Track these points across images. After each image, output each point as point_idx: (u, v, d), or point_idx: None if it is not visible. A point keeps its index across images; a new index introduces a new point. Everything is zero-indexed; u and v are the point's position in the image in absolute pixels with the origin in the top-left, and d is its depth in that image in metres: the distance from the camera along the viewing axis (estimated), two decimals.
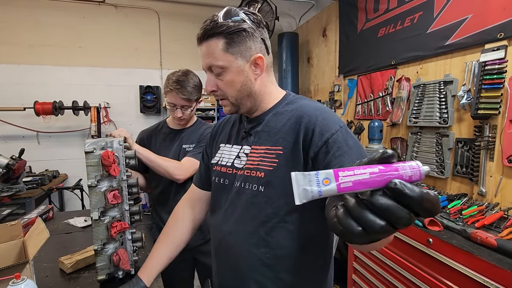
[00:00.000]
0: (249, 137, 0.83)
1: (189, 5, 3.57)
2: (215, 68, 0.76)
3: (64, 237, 1.52)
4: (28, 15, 3.06)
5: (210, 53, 0.75)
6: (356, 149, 0.70)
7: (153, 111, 3.46)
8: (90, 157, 1.02)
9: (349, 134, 0.73)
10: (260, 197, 0.76)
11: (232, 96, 0.79)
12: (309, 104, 0.79)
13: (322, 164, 0.70)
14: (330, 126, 0.72)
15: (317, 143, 0.71)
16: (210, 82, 0.79)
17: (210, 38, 0.74)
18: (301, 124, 0.74)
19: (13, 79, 3.07)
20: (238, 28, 0.73)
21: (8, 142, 3.08)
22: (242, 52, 0.75)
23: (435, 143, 1.91)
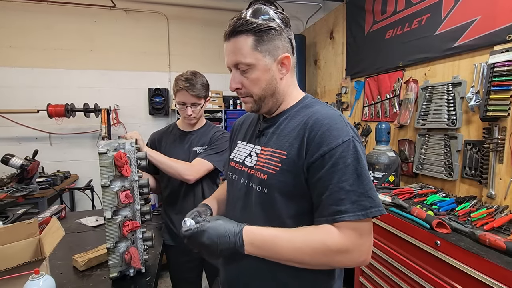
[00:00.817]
0: (262, 137, 0.84)
1: (197, 9, 3.62)
2: (241, 65, 0.75)
3: (76, 236, 1.56)
4: (42, 20, 3.15)
5: (237, 50, 0.74)
6: (353, 168, 0.68)
7: (161, 113, 3.51)
8: (103, 158, 1.05)
9: (350, 150, 0.69)
10: (264, 198, 0.77)
11: (257, 94, 0.78)
12: (321, 111, 0.76)
13: (314, 178, 0.70)
14: (331, 139, 0.69)
15: (313, 155, 0.70)
16: (235, 79, 0.78)
17: (239, 35, 0.73)
18: (306, 132, 0.73)
19: (27, 82, 3.16)
20: (268, 26, 0.73)
21: (22, 143, 3.17)
22: (270, 51, 0.75)
23: (443, 145, 1.90)
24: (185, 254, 1.54)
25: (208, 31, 3.70)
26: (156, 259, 1.29)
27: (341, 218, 0.66)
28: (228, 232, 0.69)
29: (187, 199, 1.50)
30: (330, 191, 0.68)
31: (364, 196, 0.67)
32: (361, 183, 0.67)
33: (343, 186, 0.67)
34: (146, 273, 1.15)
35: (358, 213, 0.66)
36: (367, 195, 0.67)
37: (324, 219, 0.69)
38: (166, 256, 1.60)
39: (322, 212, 0.70)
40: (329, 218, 0.68)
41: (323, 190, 0.69)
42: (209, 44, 3.73)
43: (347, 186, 0.67)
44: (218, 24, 3.72)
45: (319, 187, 0.70)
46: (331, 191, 0.68)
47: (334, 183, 0.68)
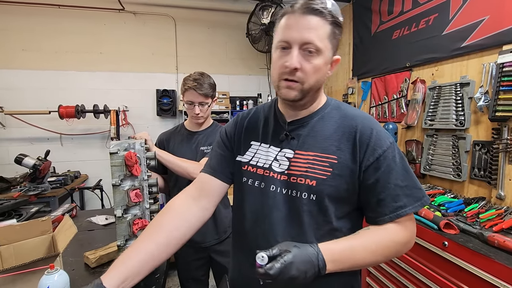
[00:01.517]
0: (291, 140, 0.79)
1: (204, 11, 3.65)
2: (312, 46, 0.69)
3: (87, 234, 1.60)
4: (53, 24, 3.22)
5: (315, 29, 0.68)
6: (402, 165, 0.73)
7: (169, 114, 3.56)
8: (114, 157, 1.08)
9: (396, 150, 0.75)
10: (312, 205, 0.74)
11: (309, 83, 0.72)
12: (360, 114, 0.79)
13: (370, 180, 0.73)
14: (382, 142, 0.73)
15: (368, 158, 0.73)
16: (298, 58, 0.69)
17: (319, 16, 0.69)
18: (356, 136, 0.74)
19: (39, 84, 3.24)
20: (340, 21, 0.72)
21: (34, 143, 3.25)
22: (334, 48, 0.73)
23: (451, 145, 1.88)
24: (193, 253, 1.56)
25: (214, 32, 3.74)
26: None
27: (403, 212, 0.71)
28: (311, 255, 0.64)
29: None
30: (388, 190, 0.72)
31: (415, 188, 0.73)
32: (410, 177, 0.74)
33: (398, 183, 0.72)
34: (155, 271, 1.17)
35: (415, 205, 0.72)
36: (418, 187, 0.74)
37: (388, 217, 0.72)
38: (174, 254, 1.62)
39: (383, 211, 0.72)
40: (392, 215, 0.71)
41: (382, 190, 0.72)
42: (216, 46, 3.76)
43: (400, 182, 0.72)
44: (224, 25, 3.75)
45: (378, 188, 0.72)
46: (390, 190, 0.72)
47: (391, 183, 0.72)
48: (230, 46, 3.82)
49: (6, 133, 3.17)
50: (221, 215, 1.57)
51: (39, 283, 0.74)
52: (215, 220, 1.56)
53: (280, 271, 0.59)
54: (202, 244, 1.55)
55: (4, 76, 3.12)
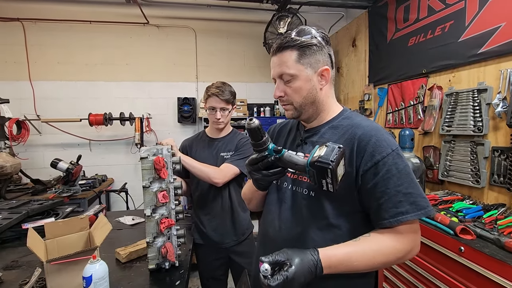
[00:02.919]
0: (304, 145, 0.91)
1: (222, 22, 3.81)
2: (285, 76, 0.85)
3: (116, 232, 1.73)
4: (85, 38, 3.49)
5: (283, 63, 0.84)
6: (405, 173, 0.76)
7: (189, 121, 3.71)
8: (144, 162, 1.19)
9: (400, 158, 0.77)
10: (311, 201, 0.85)
11: (297, 102, 0.86)
12: (365, 123, 0.84)
13: (369, 184, 0.77)
14: (382, 149, 0.77)
15: (366, 163, 0.78)
16: (279, 88, 0.88)
17: (284, 50, 0.84)
18: (355, 142, 0.80)
19: (71, 94, 3.50)
20: (310, 43, 0.83)
21: (66, 149, 3.50)
22: (312, 64, 0.84)
23: (469, 151, 1.87)
24: (213, 252, 1.65)
25: (233, 42, 3.88)
26: (187, 255, 1.41)
27: (404, 218, 0.73)
28: (310, 266, 0.70)
29: (215, 201, 1.62)
30: (388, 195, 0.75)
31: (420, 197, 0.75)
32: (415, 185, 0.76)
33: (400, 190, 0.74)
34: (179, 267, 1.27)
35: (418, 213, 0.74)
36: (422, 196, 0.76)
37: (387, 221, 0.75)
38: (195, 254, 1.71)
39: (383, 215, 0.76)
40: (392, 220, 0.74)
41: (381, 195, 0.76)
42: (234, 55, 3.90)
43: (403, 189, 0.74)
44: (242, 35, 3.89)
45: (376, 193, 0.77)
46: (389, 195, 0.75)
47: (391, 188, 0.75)
48: (248, 55, 3.95)
49: (42, 139, 3.44)
50: (240, 218, 1.65)
51: (84, 271, 0.85)
52: (234, 222, 1.64)
53: (282, 286, 0.66)
54: (221, 245, 1.64)
55: (41, 87, 3.40)
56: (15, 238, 1.56)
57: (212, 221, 1.63)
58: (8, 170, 2.49)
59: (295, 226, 0.86)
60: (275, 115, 3.88)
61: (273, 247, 0.85)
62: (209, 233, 1.62)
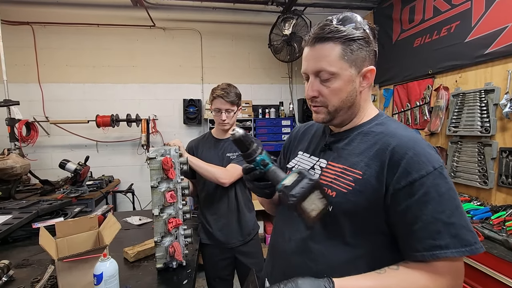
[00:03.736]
0: (328, 152, 0.80)
1: (228, 24, 3.84)
2: (324, 73, 0.71)
3: (124, 232, 1.75)
4: (92, 41, 3.54)
5: (323, 57, 0.70)
6: (448, 197, 0.62)
7: (195, 122, 3.74)
8: (153, 162, 1.21)
9: (444, 178, 0.63)
10: (327, 216, 0.72)
11: (334, 105, 0.74)
12: (402, 132, 0.71)
13: (400, 206, 0.64)
14: (421, 165, 0.63)
15: (399, 181, 0.64)
16: (313, 87, 0.74)
17: (326, 42, 0.70)
18: (387, 154, 0.67)
19: (79, 96, 3.55)
20: (357, 36, 0.69)
21: (74, 150, 3.54)
22: (357, 62, 0.71)
23: (477, 152, 1.86)
24: (219, 252, 1.66)
25: (237, 44, 3.90)
26: (194, 254, 1.42)
27: (442, 253, 0.59)
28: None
29: (221, 201, 1.63)
30: (423, 222, 0.62)
31: (466, 229, 0.61)
32: (460, 214, 0.62)
33: (440, 218, 0.61)
34: (187, 266, 1.28)
35: (462, 249, 0.59)
36: (469, 229, 0.61)
37: (420, 254, 0.62)
38: (201, 254, 1.73)
39: (415, 245, 0.63)
40: (426, 254, 0.61)
41: (414, 221, 0.63)
42: (239, 57, 3.92)
43: (444, 218, 0.61)
44: (247, 37, 3.91)
45: (408, 217, 0.64)
46: (425, 223, 0.61)
47: (428, 214, 0.61)
48: (253, 56, 3.97)
49: (50, 141, 3.49)
50: (246, 218, 1.66)
51: (95, 268, 0.87)
52: (240, 223, 1.65)
53: None
54: (227, 245, 1.65)
55: (50, 89, 3.46)
56: (25, 237, 1.59)
57: (218, 221, 1.64)
58: (18, 170, 2.54)
59: (307, 241, 0.76)
60: (280, 116, 3.89)
61: (281, 260, 0.81)
62: (216, 233, 1.64)
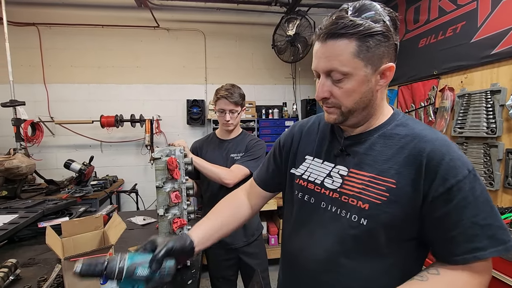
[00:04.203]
0: (347, 157, 0.74)
1: (231, 25, 3.85)
2: (336, 73, 0.65)
3: (128, 232, 1.75)
4: (97, 42, 3.56)
5: (334, 56, 0.63)
6: (483, 199, 0.61)
7: (198, 122, 3.75)
8: (158, 162, 1.21)
9: (477, 180, 0.62)
10: (361, 230, 0.68)
11: (347, 106, 0.68)
12: (431, 134, 0.67)
13: (439, 212, 0.63)
14: (457, 170, 0.62)
15: (437, 188, 0.62)
16: (324, 87, 0.67)
17: (340, 38, 0.62)
18: (423, 160, 0.64)
19: (83, 96, 3.57)
20: (376, 30, 0.61)
21: (78, 150, 3.57)
22: (374, 59, 0.63)
23: (482, 153, 1.85)
24: (223, 253, 1.66)
25: (241, 44, 3.91)
26: (198, 255, 1.42)
27: (482, 255, 0.60)
28: None
29: None
30: (462, 227, 0.61)
31: (501, 228, 0.61)
32: (494, 215, 0.62)
33: (477, 221, 0.60)
34: (191, 266, 1.29)
35: (498, 248, 0.60)
36: (503, 227, 0.62)
37: (461, 258, 0.61)
38: (205, 254, 1.73)
39: (454, 250, 0.62)
40: (467, 257, 0.61)
41: (453, 227, 0.62)
42: (243, 58, 3.93)
43: (481, 221, 0.60)
44: (250, 38, 3.91)
45: (448, 224, 0.62)
46: (464, 228, 0.61)
47: (466, 218, 0.61)
48: (256, 57, 3.97)
49: (55, 141, 3.52)
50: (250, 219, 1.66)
51: None
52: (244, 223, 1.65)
53: None
54: (231, 246, 1.65)
55: (55, 90, 3.49)
56: (31, 237, 1.61)
57: None
58: (23, 170, 2.56)
59: (339, 257, 0.71)
60: (284, 117, 3.89)
61: (307, 278, 0.76)
62: None
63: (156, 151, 1.23)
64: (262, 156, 1.66)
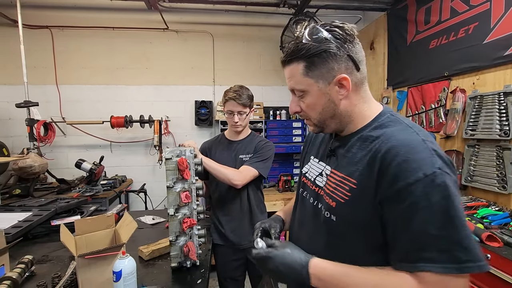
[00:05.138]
0: (333, 158, 0.80)
1: (240, 26, 3.87)
2: (296, 91, 0.76)
3: (137, 231, 1.76)
4: (107, 44, 3.62)
5: (291, 77, 0.75)
6: (443, 208, 0.57)
7: (206, 123, 3.77)
8: (168, 162, 1.23)
9: (436, 187, 0.58)
10: (331, 225, 0.74)
11: (315, 118, 0.77)
12: (397, 136, 0.66)
13: (389, 215, 0.63)
14: (409, 173, 0.59)
15: (386, 189, 0.62)
16: (294, 103, 0.79)
17: (291, 62, 0.73)
18: (378, 161, 0.65)
19: (93, 97, 3.63)
20: (318, 49, 0.69)
21: (89, 150, 3.63)
22: (324, 74, 0.70)
23: (495, 156, 1.82)
24: (231, 253, 1.67)
25: (249, 46, 3.92)
26: (207, 254, 1.43)
27: (425, 267, 0.57)
28: (295, 263, 0.68)
29: (234, 202, 1.64)
30: (410, 233, 0.59)
31: (458, 245, 0.56)
32: (453, 228, 0.57)
33: (428, 230, 0.57)
34: (200, 266, 1.30)
35: (448, 265, 0.56)
36: (462, 245, 0.56)
37: (405, 264, 0.60)
38: (214, 254, 1.74)
39: (401, 256, 0.62)
40: (410, 265, 0.59)
41: (401, 231, 0.61)
42: (251, 59, 3.94)
43: (433, 230, 0.57)
44: (258, 39, 3.92)
45: (396, 226, 0.62)
46: (412, 234, 0.59)
47: (416, 225, 0.58)
48: (264, 58, 3.98)
49: (66, 141, 3.58)
50: (258, 219, 1.66)
51: (114, 266, 0.89)
52: (252, 224, 1.65)
53: (258, 258, 0.73)
54: (239, 246, 1.66)
55: (67, 91, 3.56)
56: (44, 234, 1.64)
57: (230, 222, 1.65)
58: (36, 169, 2.62)
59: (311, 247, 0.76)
60: (291, 118, 3.88)
61: None
62: (228, 234, 1.65)
63: (167, 151, 1.24)
64: (270, 158, 1.66)
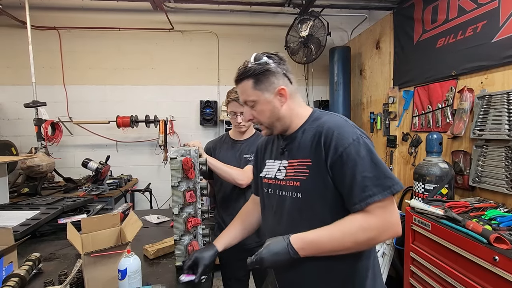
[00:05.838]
0: (286, 153, 1.01)
1: (245, 26, 3.87)
2: (248, 102, 0.98)
3: (143, 230, 1.77)
4: (114, 44, 3.66)
5: (244, 91, 0.97)
6: (369, 158, 0.83)
7: (211, 123, 3.78)
8: (173, 162, 1.24)
9: (361, 145, 0.84)
10: (299, 203, 0.92)
11: (265, 122, 0.99)
12: (329, 120, 0.93)
13: (338, 175, 0.85)
14: (343, 141, 0.85)
15: (332, 156, 0.86)
16: (247, 113, 1.01)
17: (242, 80, 0.96)
18: (321, 138, 0.89)
19: (100, 97, 3.67)
20: (262, 69, 0.93)
21: (95, 150, 3.67)
22: (267, 87, 0.94)
23: (504, 157, 1.78)
24: (236, 253, 1.66)
25: (254, 46, 3.92)
26: None
27: (371, 200, 0.80)
28: (281, 248, 0.85)
29: (238, 202, 1.64)
30: (355, 181, 0.82)
31: (385, 177, 0.82)
32: (378, 168, 0.83)
33: (365, 175, 0.81)
34: None
35: (384, 192, 0.81)
36: (386, 176, 0.82)
37: (358, 205, 0.82)
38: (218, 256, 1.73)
39: (354, 200, 0.83)
40: (362, 204, 0.81)
41: (350, 182, 0.83)
42: None
43: (368, 174, 0.81)
44: (263, 39, 3.92)
45: (346, 181, 0.84)
46: (357, 181, 0.82)
47: (357, 174, 0.82)
48: None
49: (73, 140, 3.63)
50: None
51: (119, 264, 0.90)
52: None
53: (255, 264, 0.89)
54: (244, 246, 1.65)
55: (74, 91, 3.60)
56: (51, 232, 1.66)
57: None
58: (44, 168, 2.66)
59: (291, 230, 0.91)
60: None
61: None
62: None
63: (172, 151, 1.25)
64: None
